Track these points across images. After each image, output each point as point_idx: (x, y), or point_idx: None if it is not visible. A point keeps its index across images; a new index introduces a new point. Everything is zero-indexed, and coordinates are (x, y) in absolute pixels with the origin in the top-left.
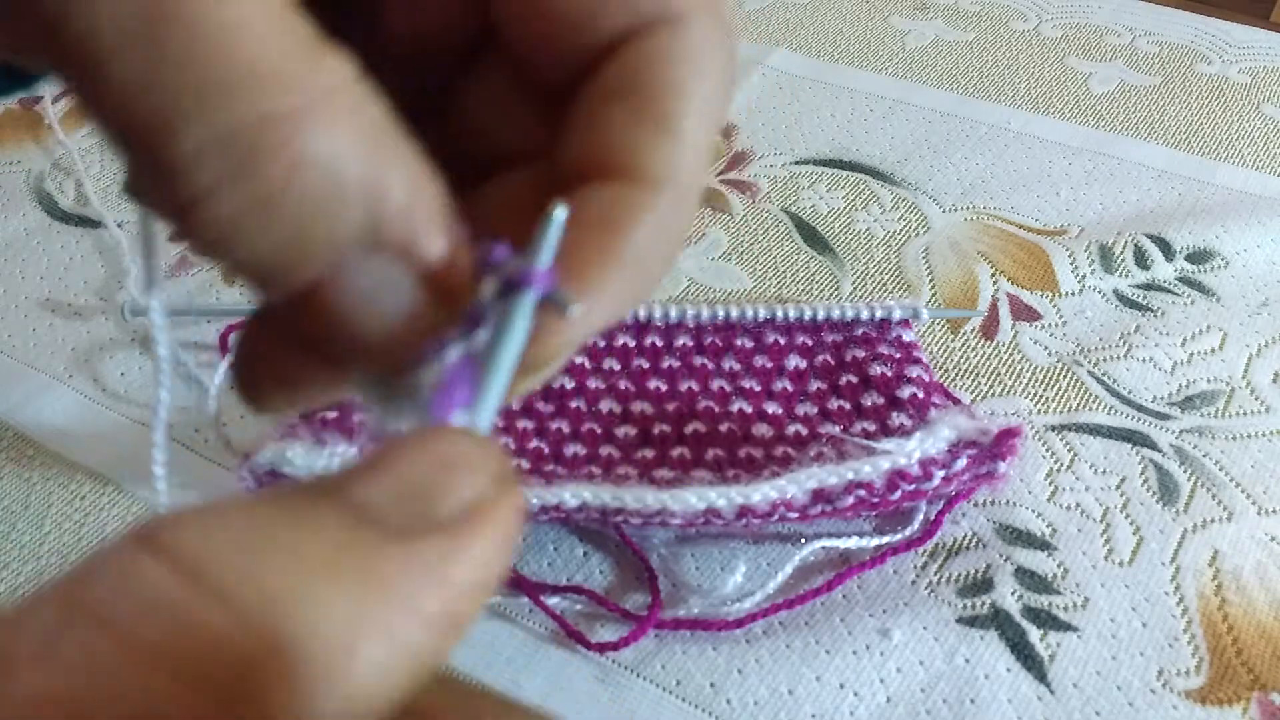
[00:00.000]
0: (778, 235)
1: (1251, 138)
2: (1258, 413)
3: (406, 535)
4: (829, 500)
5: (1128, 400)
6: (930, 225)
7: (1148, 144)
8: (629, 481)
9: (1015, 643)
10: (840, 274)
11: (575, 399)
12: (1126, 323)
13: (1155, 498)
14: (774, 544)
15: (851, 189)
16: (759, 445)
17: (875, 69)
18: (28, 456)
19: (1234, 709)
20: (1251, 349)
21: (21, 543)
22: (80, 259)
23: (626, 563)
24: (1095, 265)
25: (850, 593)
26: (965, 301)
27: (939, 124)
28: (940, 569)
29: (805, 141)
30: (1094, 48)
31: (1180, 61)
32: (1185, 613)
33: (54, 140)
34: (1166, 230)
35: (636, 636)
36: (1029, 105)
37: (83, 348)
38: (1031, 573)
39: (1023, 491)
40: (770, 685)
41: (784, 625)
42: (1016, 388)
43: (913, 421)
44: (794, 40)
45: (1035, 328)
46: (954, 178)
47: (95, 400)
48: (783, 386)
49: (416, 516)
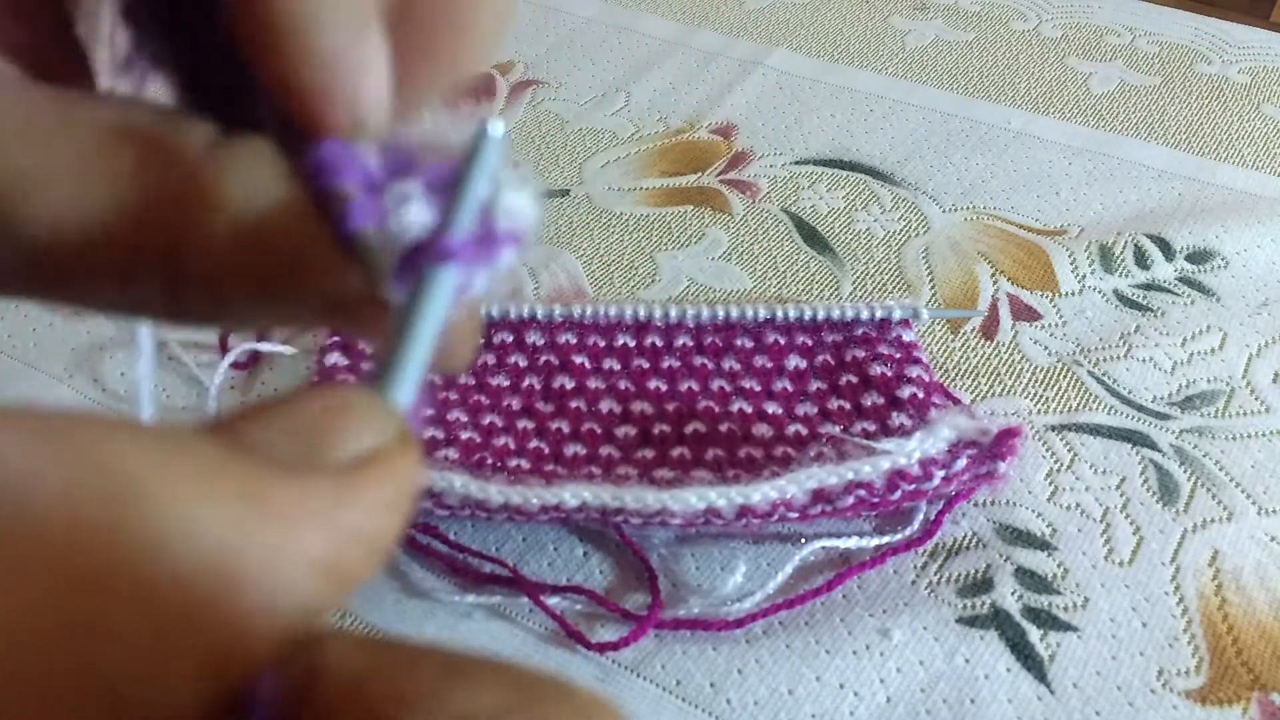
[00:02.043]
0: (778, 235)
1: (1251, 138)
2: (1258, 413)
3: (293, 472)
4: (829, 500)
5: (1128, 400)
6: (930, 225)
7: (1148, 144)
8: (629, 481)
9: (1015, 643)
10: (840, 274)
11: (575, 399)
12: (1126, 323)
13: (1155, 498)
14: (774, 544)
15: (851, 189)
16: (759, 445)
17: (875, 69)
18: None
19: (1234, 709)
20: (1251, 349)
21: None
22: None
23: (626, 563)
24: (1095, 265)
25: (850, 593)
26: (965, 301)
27: (939, 124)
28: (940, 569)
29: (805, 141)
30: (1094, 48)
31: (1180, 61)
32: (1185, 613)
33: None
34: (1166, 230)
35: (636, 636)
36: (1029, 105)
37: (83, 348)
38: (1031, 573)
39: (1023, 491)
40: (770, 685)
41: (784, 625)
42: (1016, 388)
43: (913, 421)
44: (794, 40)
45: (1035, 328)
46: (954, 178)
47: (95, 400)
48: (783, 386)
49: (305, 456)
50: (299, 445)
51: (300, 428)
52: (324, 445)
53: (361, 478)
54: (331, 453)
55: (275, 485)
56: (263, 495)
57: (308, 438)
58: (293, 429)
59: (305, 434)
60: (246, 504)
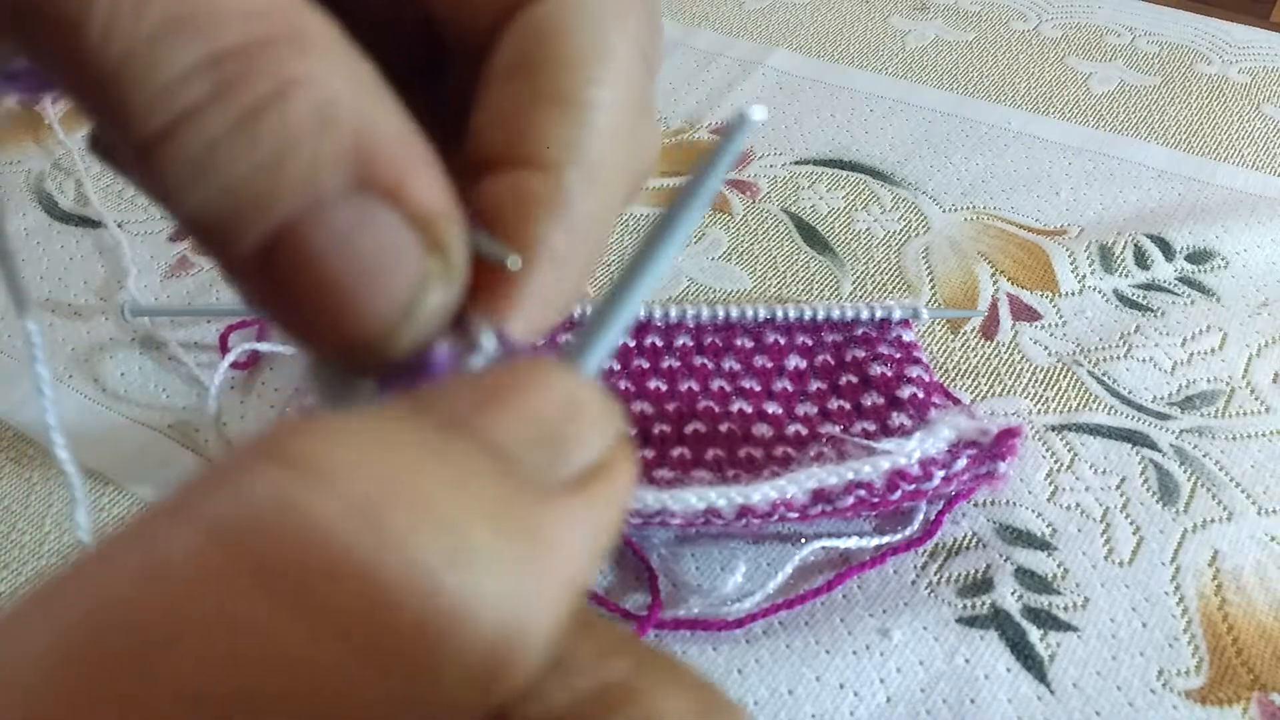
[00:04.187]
0: (778, 235)
1: (1251, 138)
2: (1258, 413)
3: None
4: (829, 500)
5: (1128, 400)
6: (930, 225)
7: (1148, 144)
8: None
9: (1015, 643)
10: (840, 274)
11: None
12: (1126, 323)
13: (1155, 498)
14: (774, 544)
15: (851, 189)
16: (759, 445)
17: (875, 69)
18: (28, 456)
19: (1234, 709)
20: (1251, 349)
21: (21, 543)
22: (80, 259)
23: (626, 563)
24: (1095, 265)
25: (850, 593)
26: (965, 301)
27: (939, 124)
28: (940, 569)
29: (805, 141)
30: (1094, 48)
31: (1180, 61)
32: (1185, 613)
33: (54, 140)
34: (1166, 230)
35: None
36: (1029, 105)
37: (83, 348)
38: (1031, 573)
39: (1023, 491)
40: (770, 685)
41: (784, 625)
42: (1016, 388)
43: (913, 421)
44: (794, 40)
45: (1035, 328)
46: (954, 178)
47: (95, 400)
48: (783, 386)
49: (549, 468)
50: (546, 455)
51: (544, 436)
52: (568, 456)
53: (602, 494)
54: (575, 462)
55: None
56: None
57: (552, 446)
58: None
59: (549, 441)
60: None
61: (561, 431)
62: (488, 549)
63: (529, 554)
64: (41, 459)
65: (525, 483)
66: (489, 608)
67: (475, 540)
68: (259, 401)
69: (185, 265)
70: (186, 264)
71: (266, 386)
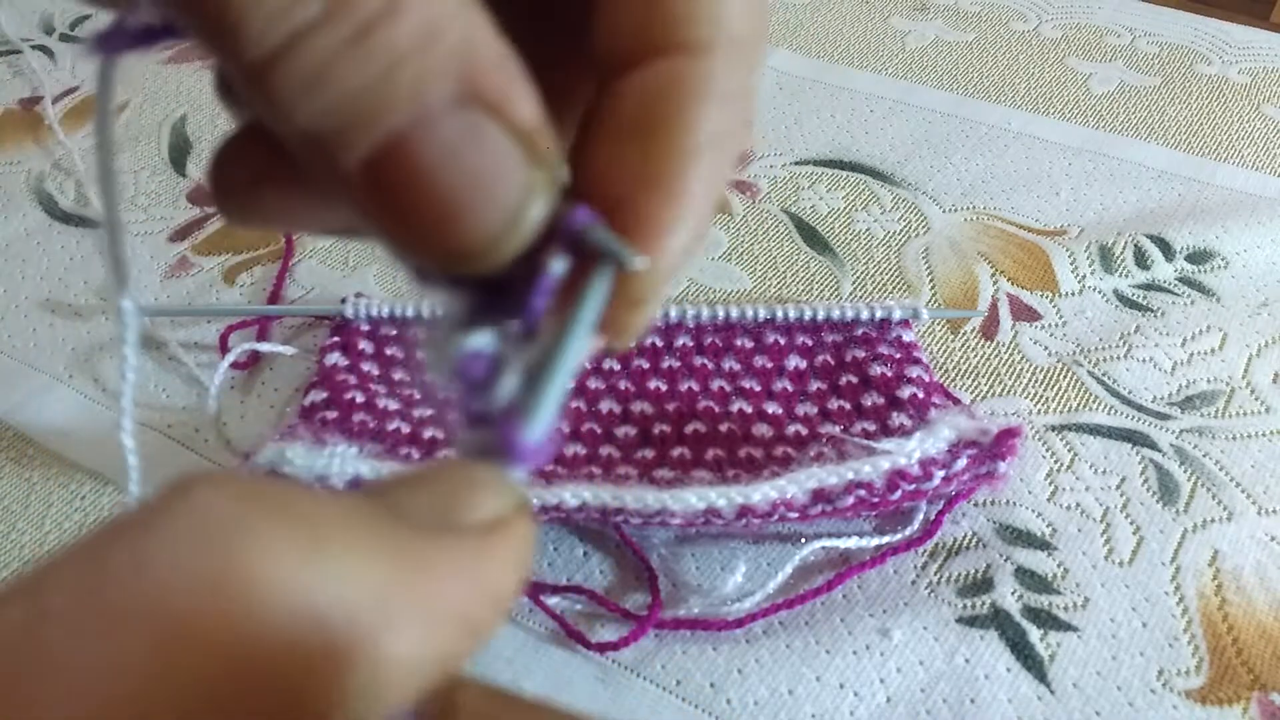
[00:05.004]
0: (778, 235)
1: (1251, 138)
2: (1258, 413)
3: (436, 533)
4: (829, 500)
5: (1128, 400)
6: (930, 225)
7: (1148, 144)
8: (629, 481)
9: (1015, 643)
10: (840, 274)
11: (575, 399)
12: (1126, 323)
13: (1155, 498)
14: (774, 544)
15: (851, 189)
16: (759, 445)
17: (875, 69)
18: (28, 456)
19: (1234, 709)
20: (1251, 349)
21: (21, 543)
22: (80, 259)
23: (626, 563)
24: (1095, 265)
25: (850, 593)
26: (965, 301)
27: (939, 124)
28: (940, 569)
29: (805, 142)
30: (1094, 48)
31: (1180, 62)
32: (1185, 613)
33: (54, 140)
34: (1166, 230)
35: (636, 636)
36: (1029, 105)
37: (83, 348)
38: (1031, 573)
39: (1023, 491)
40: (770, 685)
41: (784, 625)
42: (1016, 388)
43: (913, 421)
44: (794, 40)
45: (1035, 328)
46: (954, 178)
47: (95, 400)
48: (783, 386)
49: (443, 520)
50: (437, 511)
51: (438, 496)
52: (458, 511)
53: (491, 540)
54: (465, 517)
55: (422, 543)
56: (412, 551)
57: (444, 504)
58: (434, 500)
59: (442, 501)
60: (400, 559)
61: (455, 495)
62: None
63: (398, 567)
64: (41, 459)
65: (404, 519)
66: (350, 618)
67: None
68: (259, 401)
69: (185, 265)
70: (186, 264)
71: (266, 386)
